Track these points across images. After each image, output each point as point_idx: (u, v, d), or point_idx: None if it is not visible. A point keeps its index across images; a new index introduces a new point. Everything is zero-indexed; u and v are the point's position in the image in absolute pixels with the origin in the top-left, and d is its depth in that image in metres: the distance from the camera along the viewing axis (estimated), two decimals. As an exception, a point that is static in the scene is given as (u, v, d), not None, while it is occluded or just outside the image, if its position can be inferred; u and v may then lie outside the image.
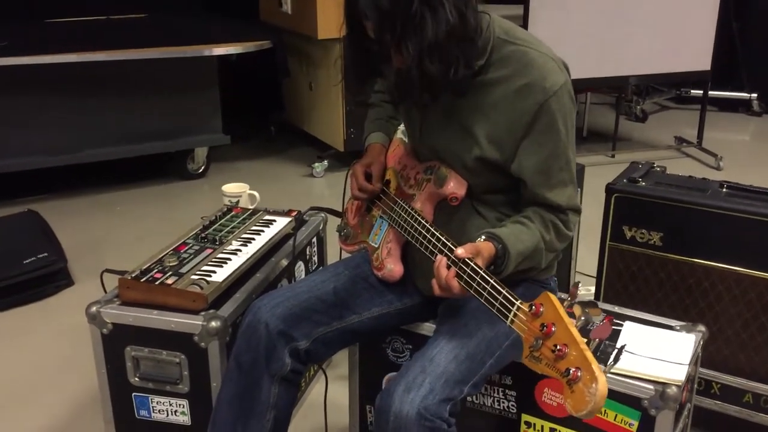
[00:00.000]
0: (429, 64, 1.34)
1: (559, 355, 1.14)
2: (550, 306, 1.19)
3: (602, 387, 1.09)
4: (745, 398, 2.00)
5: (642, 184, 2.09)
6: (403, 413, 1.33)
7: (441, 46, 1.33)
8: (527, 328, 1.22)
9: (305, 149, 4.63)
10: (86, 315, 1.79)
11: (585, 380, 1.10)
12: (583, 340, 1.13)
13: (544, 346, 1.17)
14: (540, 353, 1.17)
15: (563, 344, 1.14)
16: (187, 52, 3.79)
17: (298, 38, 4.26)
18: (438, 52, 1.33)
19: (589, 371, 1.10)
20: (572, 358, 1.12)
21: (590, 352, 1.12)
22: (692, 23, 4.21)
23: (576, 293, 1.18)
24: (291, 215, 2.24)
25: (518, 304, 1.25)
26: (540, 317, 1.20)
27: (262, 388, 1.58)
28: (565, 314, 1.16)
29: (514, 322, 1.25)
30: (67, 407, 2.29)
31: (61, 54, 3.50)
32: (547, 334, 1.17)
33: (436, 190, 1.54)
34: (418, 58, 1.33)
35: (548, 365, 1.16)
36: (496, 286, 1.29)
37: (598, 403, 1.08)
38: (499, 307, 1.28)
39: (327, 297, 1.64)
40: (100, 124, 3.84)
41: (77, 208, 3.81)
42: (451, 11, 1.32)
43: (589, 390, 1.09)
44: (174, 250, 1.97)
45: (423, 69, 1.34)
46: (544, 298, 1.20)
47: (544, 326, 1.18)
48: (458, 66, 1.37)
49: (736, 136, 5.15)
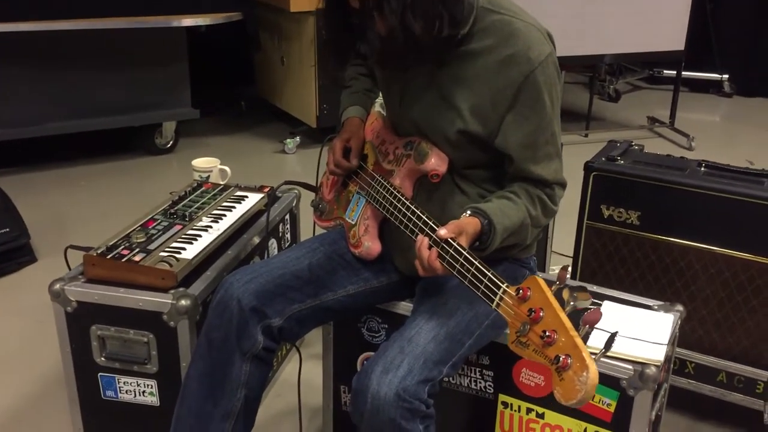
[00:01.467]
0: (412, 21, 1.29)
1: (548, 341, 1.10)
2: (537, 290, 1.15)
3: (593, 375, 1.05)
4: (719, 377, 2.00)
5: (620, 162, 2.07)
6: (381, 394, 1.30)
7: (424, 2, 1.28)
8: (514, 312, 1.18)
9: (277, 125, 4.55)
10: (50, 293, 1.73)
11: (575, 368, 1.06)
12: (572, 326, 1.10)
13: (532, 331, 1.13)
14: (527, 339, 1.14)
15: (552, 330, 1.10)
16: (154, 23, 3.68)
17: (270, 11, 4.16)
18: (421, 7, 1.28)
19: (580, 359, 1.06)
20: (561, 344, 1.09)
21: (580, 339, 1.09)
22: (667, 3, 4.20)
23: (565, 277, 1.14)
24: (264, 191, 2.18)
25: (504, 287, 1.22)
26: (527, 301, 1.16)
27: (233, 366, 1.54)
28: (554, 299, 1.12)
29: (500, 306, 1.22)
30: (30, 387, 2.22)
31: (20, 22, 3.37)
32: (535, 320, 1.13)
33: (416, 166, 1.49)
34: (401, 15, 1.28)
35: (536, 351, 1.13)
36: (481, 268, 1.25)
37: (589, 392, 1.05)
38: (483, 290, 1.24)
39: (302, 274, 1.59)
40: (64, 97, 3.72)
41: (40, 183, 3.71)
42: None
43: (580, 378, 1.05)
44: (142, 226, 1.91)
45: (406, 26, 1.29)
46: (531, 281, 1.17)
47: (531, 311, 1.14)
48: (443, 23, 1.32)
49: (707, 117, 5.18)
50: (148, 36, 3.76)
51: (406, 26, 1.30)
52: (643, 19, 4.19)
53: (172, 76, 3.98)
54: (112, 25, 3.57)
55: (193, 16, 3.72)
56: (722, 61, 5.45)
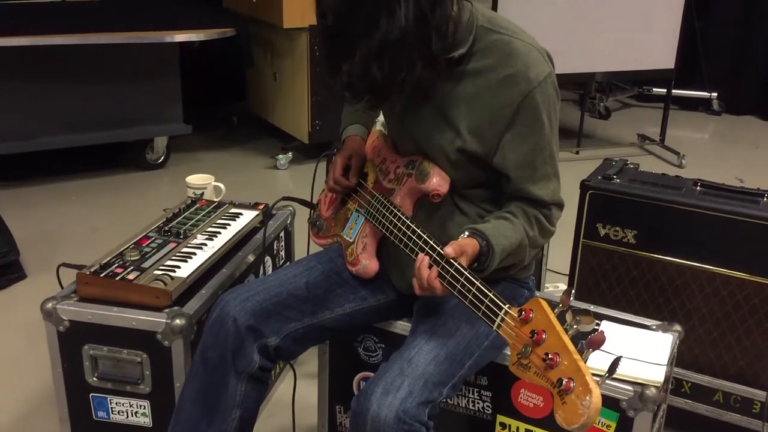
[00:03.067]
0: (376, 69, 1.28)
1: (551, 364, 1.09)
2: (540, 312, 1.14)
3: (596, 399, 1.04)
4: (716, 397, 2.00)
5: (616, 181, 2.07)
6: (381, 417, 1.28)
7: (391, 50, 1.27)
8: (515, 333, 1.17)
9: (269, 140, 4.54)
10: (42, 311, 1.70)
11: (578, 392, 1.05)
12: (576, 349, 1.09)
13: (534, 353, 1.12)
14: (529, 361, 1.13)
15: (554, 353, 1.09)
16: (147, 38, 3.66)
17: (262, 27, 4.16)
18: (388, 55, 1.28)
19: (583, 383, 1.05)
20: (564, 367, 1.08)
21: (584, 363, 1.07)
22: (658, 22, 4.24)
23: (568, 301, 1.13)
24: (258, 208, 2.16)
25: (506, 308, 1.20)
26: (530, 323, 1.15)
27: (229, 386, 1.52)
28: (557, 321, 1.11)
29: (501, 327, 1.21)
30: (20, 406, 2.18)
31: (13, 37, 3.35)
32: (537, 342, 1.12)
33: (417, 186, 1.48)
34: (364, 62, 1.28)
35: (537, 374, 1.11)
36: (482, 288, 1.24)
37: (592, 416, 1.04)
38: (485, 310, 1.23)
39: (299, 292, 1.58)
40: (56, 111, 3.69)
41: (30, 198, 3.67)
42: (407, 14, 1.25)
43: (583, 402, 1.04)
44: (135, 244, 1.88)
45: (368, 72, 1.29)
46: (534, 303, 1.15)
47: (534, 333, 1.13)
48: (413, 68, 1.31)
49: (696, 135, 5.22)
50: (141, 51, 3.74)
51: (368, 72, 1.29)
52: (634, 38, 4.23)
53: (165, 91, 3.95)
54: (105, 41, 3.54)
55: (187, 32, 3.71)
56: (711, 80, 5.49)
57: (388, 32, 1.25)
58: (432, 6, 1.28)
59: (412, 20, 1.26)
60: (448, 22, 1.34)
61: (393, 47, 1.27)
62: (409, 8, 1.25)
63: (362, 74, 1.30)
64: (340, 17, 1.28)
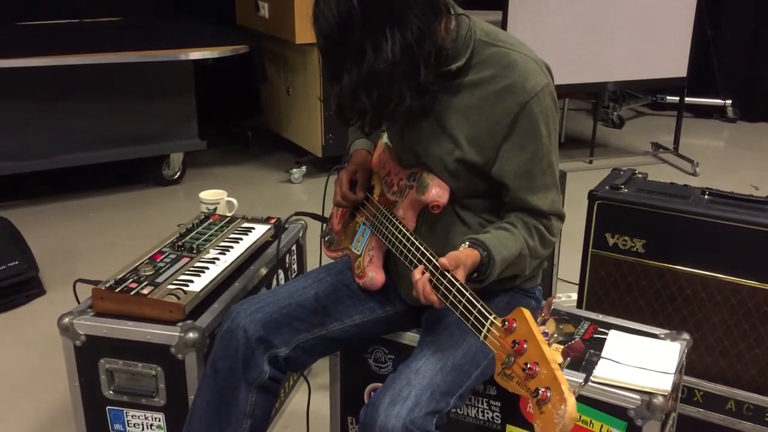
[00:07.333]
0: (364, 97, 1.32)
1: (530, 373, 1.09)
2: (522, 322, 1.14)
3: (571, 409, 1.03)
4: (728, 406, 1.99)
5: (624, 190, 2.08)
6: (389, 427, 1.30)
7: (379, 81, 1.30)
8: (500, 344, 1.17)
9: (283, 155, 4.58)
10: (58, 326, 1.74)
11: (554, 401, 1.05)
12: (555, 359, 1.09)
13: (516, 363, 1.12)
14: (511, 371, 1.13)
15: (534, 362, 1.09)
16: (162, 56, 3.73)
17: (275, 43, 4.21)
18: (376, 86, 1.31)
19: (559, 392, 1.05)
20: (542, 377, 1.08)
21: (561, 372, 1.07)
22: (669, 30, 4.24)
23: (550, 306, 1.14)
24: (270, 222, 2.20)
25: (492, 318, 1.21)
26: (513, 333, 1.15)
27: (239, 396, 1.55)
28: (538, 331, 1.11)
29: (487, 338, 1.21)
30: (38, 420, 2.22)
31: (33, 57, 3.42)
32: (518, 351, 1.12)
33: (417, 197, 1.50)
34: (351, 91, 1.31)
35: (519, 384, 1.11)
36: (471, 299, 1.25)
37: (567, 425, 1.03)
38: (473, 321, 1.24)
39: (308, 303, 1.60)
40: (73, 129, 3.76)
41: (49, 215, 3.73)
42: (393, 49, 1.28)
43: (558, 412, 1.03)
44: (150, 259, 1.92)
45: (357, 99, 1.32)
46: (517, 313, 1.16)
47: (516, 343, 1.13)
48: (402, 99, 1.34)
49: (711, 142, 5.19)
50: (156, 69, 3.81)
51: (354, 102, 1.33)
52: (646, 47, 4.23)
53: (180, 108, 4.02)
54: (121, 60, 3.61)
55: (201, 50, 3.77)
56: (725, 87, 5.47)
57: (374, 64, 1.29)
58: (419, 40, 1.30)
59: (398, 54, 1.29)
60: (439, 51, 1.37)
61: (380, 78, 1.30)
62: (396, 42, 1.28)
63: (350, 100, 1.33)
64: (329, 41, 1.32)
